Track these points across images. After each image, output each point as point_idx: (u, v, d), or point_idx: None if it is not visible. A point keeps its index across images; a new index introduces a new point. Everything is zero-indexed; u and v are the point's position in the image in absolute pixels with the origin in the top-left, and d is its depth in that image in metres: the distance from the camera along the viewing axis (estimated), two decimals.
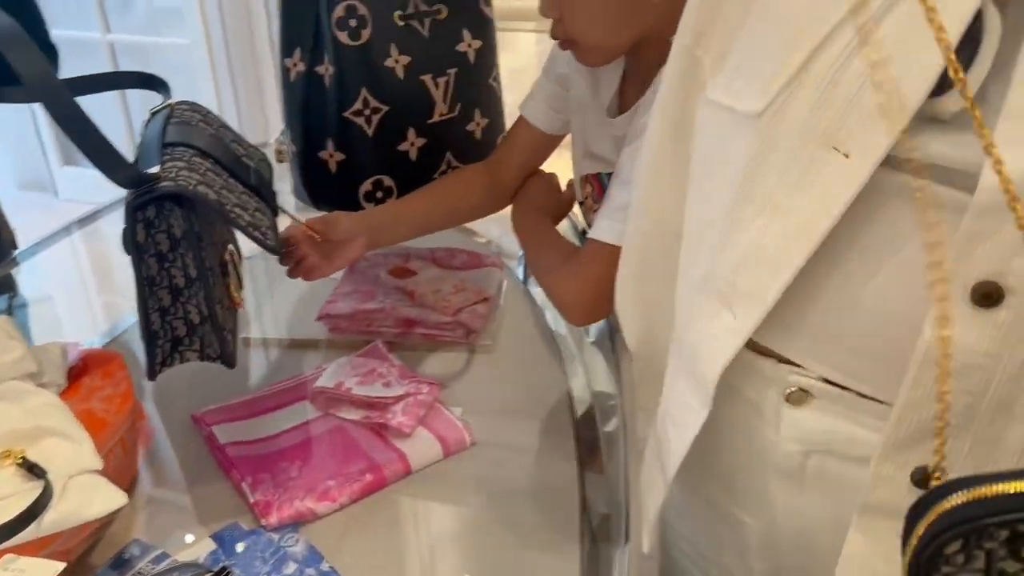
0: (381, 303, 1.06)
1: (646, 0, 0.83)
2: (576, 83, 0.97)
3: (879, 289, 0.47)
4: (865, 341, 0.49)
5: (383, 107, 0.99)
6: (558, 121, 1.01)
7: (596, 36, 0.86)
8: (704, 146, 0.57)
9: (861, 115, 0.44)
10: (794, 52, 0.47)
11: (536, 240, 0.97)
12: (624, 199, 0.82)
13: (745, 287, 0.51)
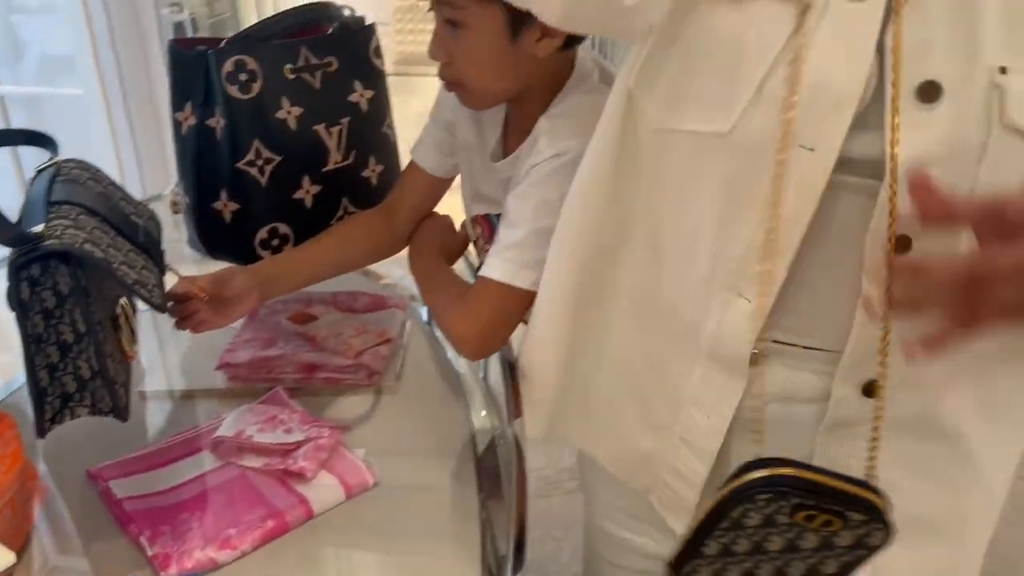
0: (281, 349, 1.07)
1: (530, 53, 0.88)
2: (462, 128, 1.01)
3: (824, 267, 0.61)
4: (815, 308, 0.62)
5: (276, 157, 1.02)
6: (446, 165, 1.05)
7: (482, 81, 0.91)
8: (671, 169, 0.67)
9: (816, 116, 0.56)
10: (749, 77, 0.58)
11: (431, 280, 1.00)
12: (512, 239, 0.86)
13: (755, 274, 0.62)
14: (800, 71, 0.56)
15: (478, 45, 0.88)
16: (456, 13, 0.86)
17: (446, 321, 0.93)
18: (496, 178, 0.97)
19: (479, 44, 0.88)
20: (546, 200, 0.85)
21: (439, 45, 0.90)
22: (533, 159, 0.88)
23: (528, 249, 0.85)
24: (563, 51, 0.91)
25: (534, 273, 0.85)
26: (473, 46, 0.88)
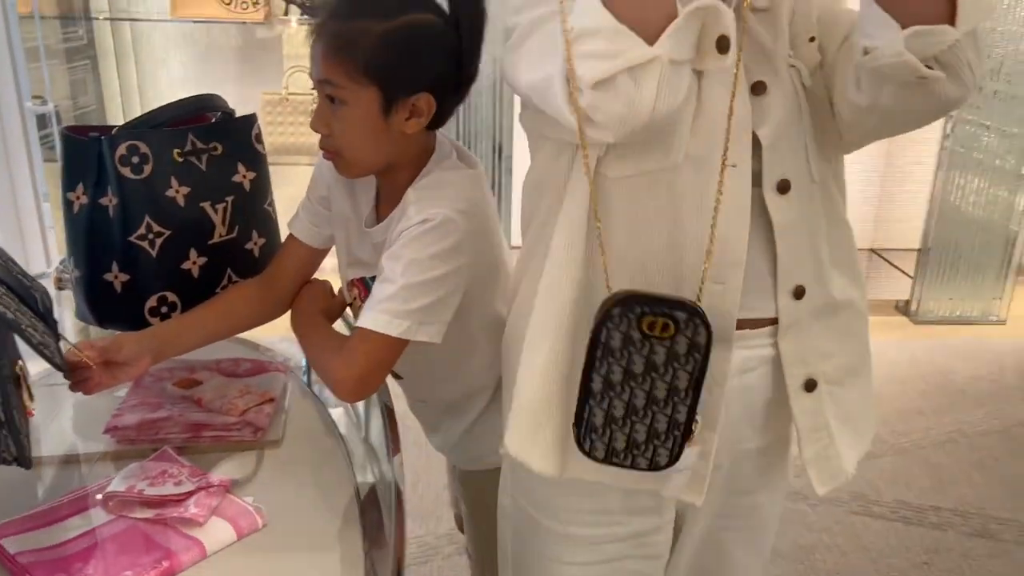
0: (168, 411, 1.14)
1: (400, 130, 1.02)
2: (337, 201, 1.14)
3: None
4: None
5: (166, 231, 1.11)
6: (321, 236, 1.17)
7: (357, 152, 1.04)
8: (633, 206, 0.87)
9: (734, 143, 0.83)
10: (680, 123, 0.83)
11: (312, 335, 1.10)
12: (386, 293, 0.99)
13: (727, 263, 0.86)
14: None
15: (355, 120, 1.01)
16: (337, 91, 1.00)
17: (326, 369, 1.03)
18: (370, 243, 1.09)
19: (356, 119, 1.01)
20: (415, 259, 0.98)
21: (320, 119, 1.03)
22: (403, 224, 1.01)
23: (399, 302, 0.97)
24: (427, 131, 1.06)
25: (404, 323, 0.97)
26: (351, 121, 1.02)
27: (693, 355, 0.81)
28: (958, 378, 3.02)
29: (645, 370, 0.82)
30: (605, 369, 0.83)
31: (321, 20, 1.02)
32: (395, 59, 0.98)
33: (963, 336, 3.42)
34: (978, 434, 2.64)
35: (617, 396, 0.84)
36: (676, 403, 0.84)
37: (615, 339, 0.82)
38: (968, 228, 3.46)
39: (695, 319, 0.81)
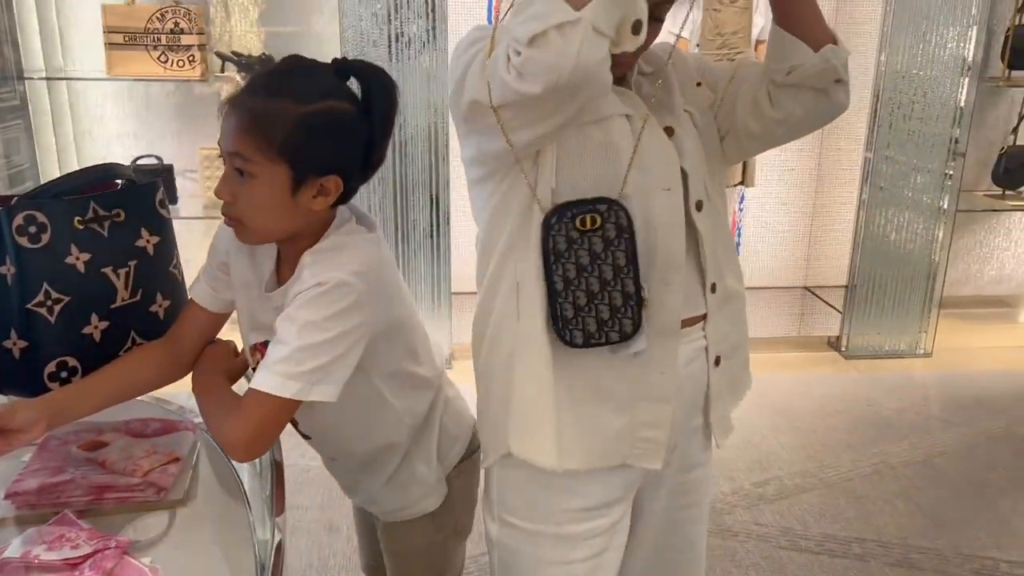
0: (71, 474, 1.15)
1: (309, 208, 1.06)
2: (237, 266, 1.17)
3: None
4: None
5: (65, 297, 1.13)
6: (220, 301, 1.20)
7: (259, 223, 1.08)
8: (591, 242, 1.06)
9: (669, 173, 1.08)
10: (624, 161, 1.06)
11: (209, 395, 1.13)
12: (280, 355, 1.02)
13: (671, 267, 1.08)
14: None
15: (262, 194, 1.05)
16: (247, 165, 1.04)
17: (219, 428, 1.06)
18: (271, 307, 1.13)
19: (263, 194, 1.05)
20: (309, 321, 1.02)
21: (226, 187, 1.07)
22: (298, 287, 1.05)
23: (292, 363, 1.01)
24: (333, 206, 1.10)
25: (297, 384, 1.00)
26: (257, 194, 1.05)
27: (622, 236, 1.03)
28: (884, 411, 3.12)
29: (591, 260, 1.03)
30: (561, 270, 1.04)
31: (238, 94, 1.06)
32: (309, 142, 1.03)
33: (891, 370, 3.53)
34: (902, 464, 2.73)
35: (577, 288, 1.04)
36: (623, 278, 1.04)
37: (560, 243, 1.03)
38: (892, 263, 3.59)
39: (614, 207, 1.03)
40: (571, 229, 1.02)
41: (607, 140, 1.06)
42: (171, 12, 3.16)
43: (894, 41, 3.36)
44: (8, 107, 3.13)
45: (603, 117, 1.06)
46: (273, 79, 1.07)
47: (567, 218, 1.02)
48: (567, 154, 1.05)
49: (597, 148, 1.06)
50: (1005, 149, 3.78)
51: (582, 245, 1.03)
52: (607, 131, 1.06)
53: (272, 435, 1.04)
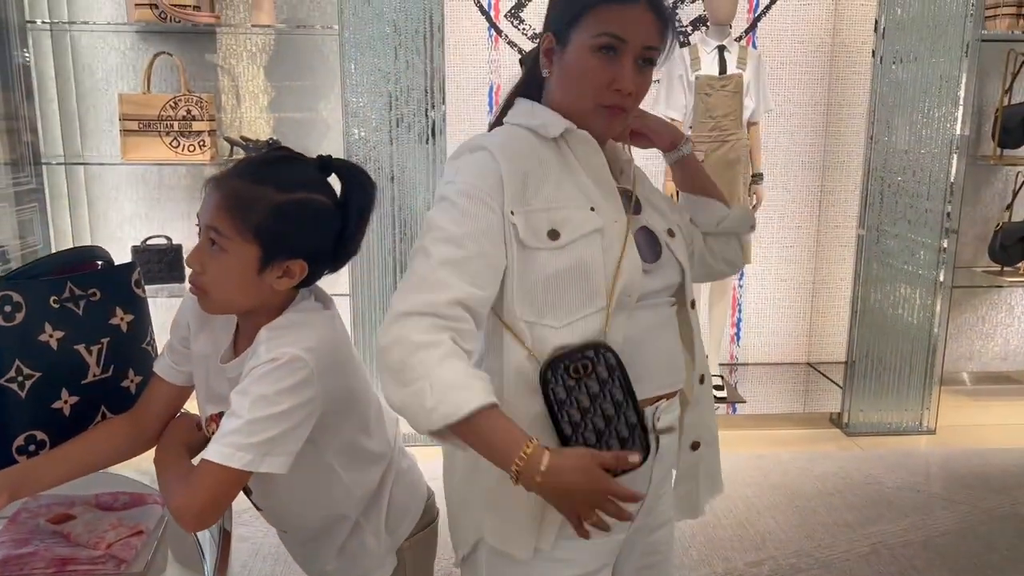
0: (35, 547, 1.18)
1: (269, 284, 1.12)
2: (197, 340, 1.22)
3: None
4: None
5: (36, 373, 1.19)
6: (182, 375, 1.25)
7: (223, 295, 1.14)
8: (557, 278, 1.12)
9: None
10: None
11: (166, 466, 1.16)
12: (232, 427, 1.06)
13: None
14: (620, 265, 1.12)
15: (230, 268, 1.11)
16: (221, 240, 1.10)
17: (169, 498, 1.09)
18: (225, 378, 1.17)
19: (231, 268, 1.11)
20: (262, 395, 1.06)
21: (197, 256, 1.13)
22: (254, 362, 1.10)
23: (243, 435, 1.05)
24: (297, 287, 1.16)
25: (247, 456, 1.04)
26: (226, 268, 1.12)
27: (614, 374, 1.09)
28: (885, 489, 3.07)
29: (591, 401, 1.09)
30: (566, 416, 1.09)
31: (223, 174, 1.14)
32: (282, 228, 1.11)
33: (893, 447, 3.49)
34: (900, 544, 2.68)
35: (585, 429, 1.09)
36: (624, 411, 1.10)
37: (560, 392, 1.08)
38: (891, 339, 3.59)
39: (600, 350, 1.09)
40: (567, 379, 1.08)
41: (576, 266, 1.11)
42: (184, 100, 3.31)
43: (883, 121, 3.45)
44: (25, 190, 3.26)
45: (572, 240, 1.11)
46: (258, 166, 1.15)
47: (560, 370, 1.08)
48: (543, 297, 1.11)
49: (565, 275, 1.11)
50: (1000, 226, 3.82)
51: (580, 390, 1.08)
52: (568, 258, 1.11)
53: (222, 505, 1.07)
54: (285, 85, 3.72)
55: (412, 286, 1.05)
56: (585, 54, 1.11)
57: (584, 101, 1.13)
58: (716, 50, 3.52)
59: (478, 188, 1.08)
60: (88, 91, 3.61)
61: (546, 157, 1.14)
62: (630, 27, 1.10)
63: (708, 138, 3.53)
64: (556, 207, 1.11)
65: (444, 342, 1.01)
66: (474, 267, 1.06)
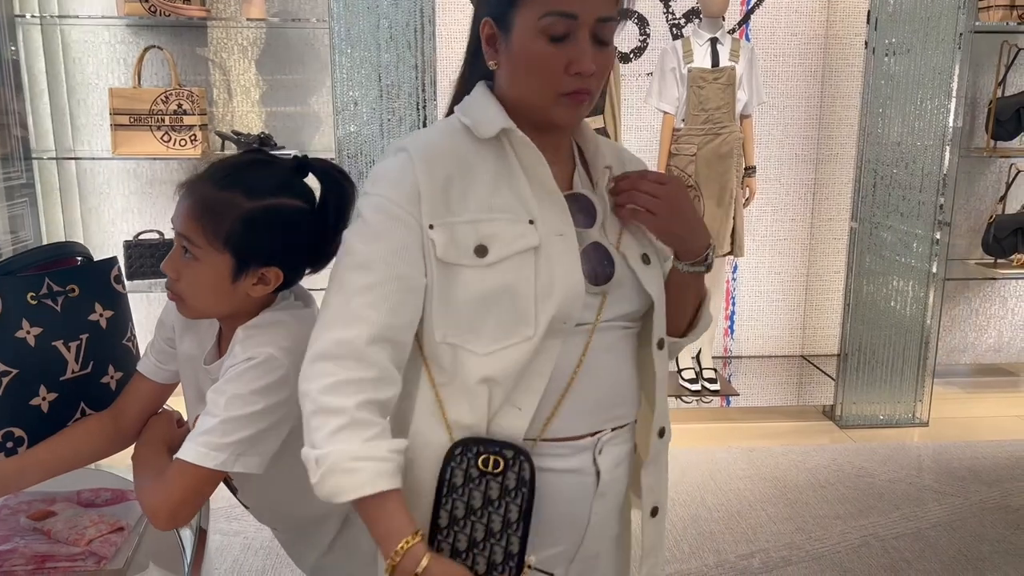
0: (14, 544, 1.18)
1: (244, 291, 1.11)
2: (183, 341, 1.22)
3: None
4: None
5: (12, 370, 1.18)
6: (165, 373, 1.24)
7: (198, 302, 1.13)
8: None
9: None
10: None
11: (143, 464, 1.16)
12: (206, 426, 1.05)
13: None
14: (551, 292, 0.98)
15: (203, 277, 1.10)
16: (193, 249, 1.09)
17: (143, 496, 1.09)
18: (210, 379, 1.17)
19: (205, 277, 1.10)
20: (236, 394, 1.06)
21: (171, 265, 1.12)
22: (230, 361, 1.09)
23: (218, 435, 1.04)
24: (275, 292, 1.15)
25: (221, 455, 1.04)
26: (200, 277, 1.10)
27: (520, 489, 0.96)
28: (877, 481, 3.07)
29: (483, 505, 0.96)
30: (451, 504, 0.97)
31: (195, 180, 1.12)
32: (253, 237, 1.08)
33: (886, 439, 3.49)
34: (891, 536, 2.68)
35: (461, 530, 0.97)
36: (509, 535, 0.96)
37: (457, 476, 0.96)
38: (884, 331, 3.59)
39: (520, 457, 0.97)
40: (472, 466, 0.97)
41: (503, 287, 0.99)
42: (175, 94, 3.30)
43: (876, 113, 3.44)
44: (16, 185, 3.25)
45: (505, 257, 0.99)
46: (229, 172, 1.12)
47: (471, 453, 0.97)
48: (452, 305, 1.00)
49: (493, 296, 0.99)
50: (993, 218, 3.81)
51: (478, 486, 0.96)
52: (495, 276, 0.99)
53: (194, 504, 1.06)
54: (276, 79, 3.70)
55: (326, 322, 0.96)
56: (533, 39, 0.97)
57: (542, 94, 0.99)
58: (709, 43, 3.51)
59: (391, 201, 0.98)
60: (78, 85, 3.60)
61: (478, 160, 1.01)
62: (578, 1, 0.95)
63: (701, 131, 3.52)
64: (486, 219, 0.99)
65: (345, 409, 0.92)
66: (389, 294, 0.96)
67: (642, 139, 3.90)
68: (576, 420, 1.02)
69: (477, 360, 0.98)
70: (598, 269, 1.03)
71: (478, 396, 0.98)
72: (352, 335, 0.94)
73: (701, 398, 3.70)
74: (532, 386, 0.99)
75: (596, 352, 1.02)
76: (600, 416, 1.05)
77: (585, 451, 1.05)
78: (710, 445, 3.38)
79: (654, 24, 3.86)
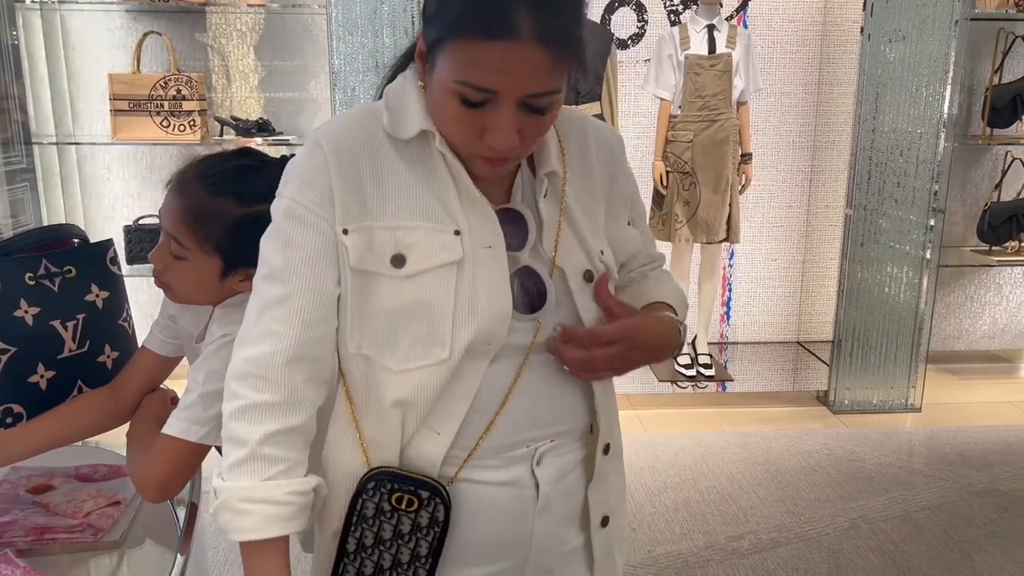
0: (14, 516, 1.21)
1: (231, 287, 1.13)
2: (183, 320, 1.25)
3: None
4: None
5: (11, 348, 1.21)
6: (170, 346, 1.27)
7: (186, 294, 1.15)
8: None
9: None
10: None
11: (137, 442, 1.19)
12: (187, 401, 1.09)
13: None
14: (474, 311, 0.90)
15: (191, 275, 1.12)
16: (181, 251, 1.10)
17: (132, 471, 1.12)
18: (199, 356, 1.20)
19: (193, 274, 1.12)
20: (213, 370, 1.08)
21: (159, 258, 1.14)
22: (208, 339, 1.12)
23: (199, 409, 1.08)
24: None
25: (204, 428, 1.07)
26: (187, 274, 1.12)
27: (433, 528, 0.93)
28: (868, 465, 3.11)
29: (392, 536, 0.94)
30: (360, 533, 0.94)
31: (186, 179, 1.11)
32: (242, 243, 1.07)
33: (878, 424, 3.53)
34: (880, 519, 2.72)
35: (368, 557, 0.95)
36: (417, 568, 0.94)
37: (369, 508, 0.93)
38: (878, 318, 3.62)
39: (436, 498, 0.93)
40: (384, 500, 0.93)
41: (420, 298, 0.91)
42: (174, 80, 3.32)
43: (872, 100, 3.45)
44: (16, 170, 3.28)
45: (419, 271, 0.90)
46: (220, 175, 1.11)
47: (385, 489, 0.93)
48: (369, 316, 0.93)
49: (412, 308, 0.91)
50: (988, 205, 3.83)
51: (389, 519, 0.93)
52: (417, 287, 0.91)
53: (181, 477, 1.10)
54: (275, 64, 3.72)
55: (240, 338, 0.92)
56: (447, 94, 0.84)
57: (454, 143, 0.90)
58: (706, 29, 3.52)
59: (300, 204, 0.90)
60: (78, 70, 3.62)
61: (400, 158, 0.92)
62: (501, 75, 0.81)
63: (697, 118, 3.54)
64: (406, 226, 0.90)
65: (247, 441, 0.88)
66: (302, 308, 0.90)
67: (639, 125, 3.92)
68: (511, 437, 0.96)
69: (391, 378, 0.92)
70: (531, 295, 0.95)
71: (391, 418, 0.93)
72: (263, 352, 0.90)
73: (696, 383, 3.74)
74: (451, 411, 0.93)
75: (533, 370, 0.96)
76: (538, 432, 0.98)
77: (521, 463, 0.97)
78: (704, 430, 3.42)
79: (652, 11, 3.88)
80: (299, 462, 0.92)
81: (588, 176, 1.01)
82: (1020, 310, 4.19)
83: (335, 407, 0.99)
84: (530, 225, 0.96)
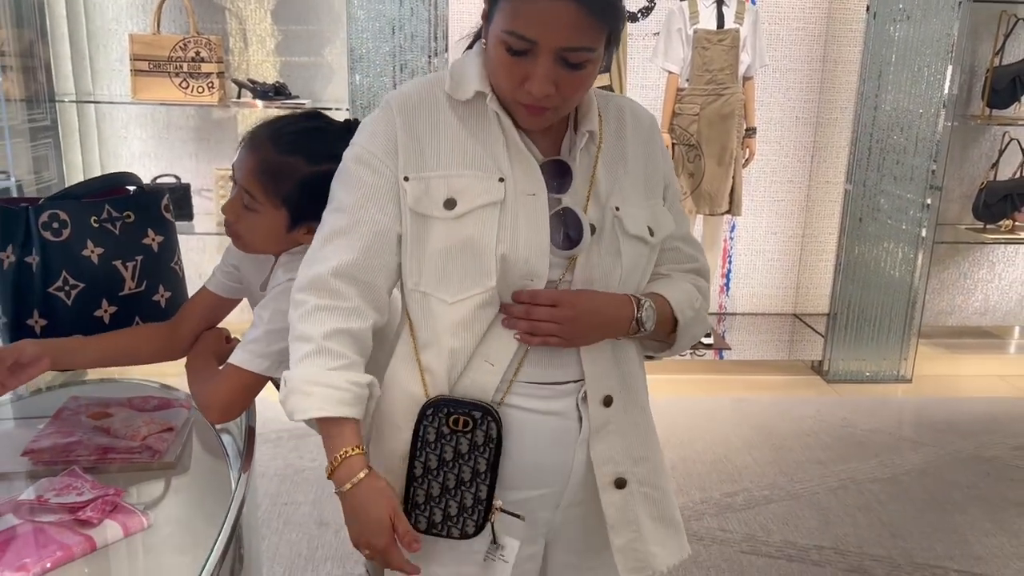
0: (79, 437, 1.33)
1: (296, 238, 1.22)
2: (246, 270, 1.34)
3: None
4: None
5: (80, 284, 1.32)
6: (229, 288, 1.37)
7: (255, 244, 1.25)
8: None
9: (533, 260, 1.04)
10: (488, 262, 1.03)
11: (195, 370, 1.31)
12: (253, 336, 1.20)
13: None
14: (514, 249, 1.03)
15: (261, 226, 1.22)
16: (252, 202, 1.20)
17: (197, 396, 1.24)
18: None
19: (262, 226, 1.22)
20: (279, 309, 1.18)
21: (232, 209, 1.23)
22: (274, 282, 1.23)
23: (263, 344, 1.18)
24: None
25: (266, 362, 1.18)
26: (257, 225, 1.22)
27: (488, 445, 1.06)
28: (858, 431, 3.25)
29: (454, 458, 1.07)
30: (424, 457, 1.07)
31: (260, 137, 1.20)
32: (308, 198, 1.17)
33: (870, 394, 3.66)
34: (868, 480, 2.85)
35: (434, 479, 1.08)
36: (478, 483, 1.07)
37: (430, 433, 1.06)
38: (873, 292, 3.73)
39: (487, 417, 1.06)
40: (443, 424, 1.05)
41: (468, 240, 1.03)
42: (193, 42, 3.39)
43: (874, 78, 3.54)
44: (40, 127, 3.37)
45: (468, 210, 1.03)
46: (292, 136, 1.20)
47: (442, 414, 1.05)
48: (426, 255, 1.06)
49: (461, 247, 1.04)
50: (984, 184, 3.93)
51: (449, 441, 1.05)
52: (464, 228, 1.04)
53: (242, 403, 1.21)
54: (292, 29, 3.79)
55: (307, 260, 1.07)
56: (496, 44, 0.99)
57: (503, 93, 1.03)
58: (715, 4, 3.59)
59: (368, 152, 1.05)
60: (98, 30, 3.69)
61: (456, 117, 1.06)
62: (541, 27, 0.94)
63: (704, 91, 3.63)
64: (456, 174, 1.04)
65: (313, 338, 1.01)
66: (360, 237, 1.04)
67: (647, 98, 4.00)
68: (547, 368, 1.08)
69: (446, 309, 1.05)
70: (565, 233, 1.05)
71: (448, 349, 1.06)
72: (326, 268, 1.03)
73: (694, 351, 3.86)
74: (502, 344, 1.06)
75: None
76: (574, 368, 1.09)
77: (568, 396, 1.10)
78: (701, 395, 3.54)
79: None
80: (357, 362, 1.04)
81: (621, 151, 1.12)
82: (1012, 288, 4.31)
83: (399, 343, 1.11)
84: (575, 174, 1.08)
